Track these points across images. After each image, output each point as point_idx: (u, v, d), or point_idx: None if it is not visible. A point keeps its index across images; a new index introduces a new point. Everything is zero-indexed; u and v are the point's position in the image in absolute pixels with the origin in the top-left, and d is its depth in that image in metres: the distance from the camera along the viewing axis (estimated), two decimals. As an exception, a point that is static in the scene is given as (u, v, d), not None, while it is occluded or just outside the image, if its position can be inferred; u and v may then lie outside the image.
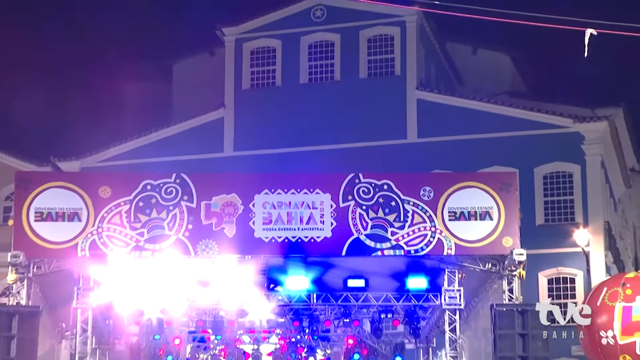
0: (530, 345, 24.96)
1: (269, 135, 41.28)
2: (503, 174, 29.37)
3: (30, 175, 28.81)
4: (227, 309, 28.61)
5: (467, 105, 41.71)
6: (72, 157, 42.99)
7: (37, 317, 25.57)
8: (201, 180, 26.39)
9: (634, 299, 23.04)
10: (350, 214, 25.69)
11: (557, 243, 38.51)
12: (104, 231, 25.53)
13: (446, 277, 27.00)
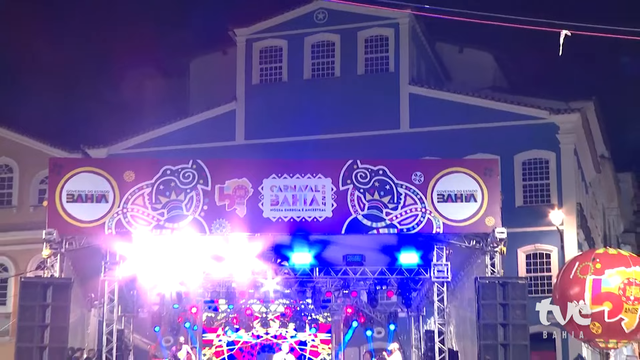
0: (510, 313, 25.01)
1: (276, 126, 41.28)
2: (486, 161, 29.31)
3: (62, 161, 28.78)
4: (239, 281, 28.68)
5: (454, 98, 41.71)
6: (100, 144, 43.01)
7: (69, 288, 25.65)
8: (215, 166, 26.40)
9: (603, 272, 23.15)
10: (349, 196, 25.71)
11: (534, 222, 38.55)
12: (129, 211, 25.57)
13: (435, 253, 27.02)
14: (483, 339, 25.09)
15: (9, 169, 42.58)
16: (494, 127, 40.06)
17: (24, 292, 25.88)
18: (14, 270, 40.40)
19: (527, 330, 25.53)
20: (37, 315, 24.99)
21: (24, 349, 24.91)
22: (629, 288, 23.00)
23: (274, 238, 26.19)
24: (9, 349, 29.28)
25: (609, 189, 56.75)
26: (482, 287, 25.38)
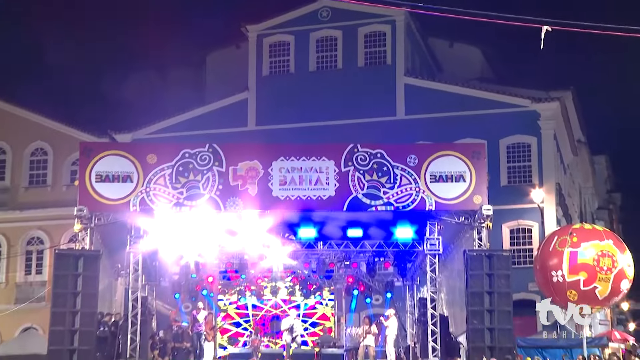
0: (495, 282, 25.07)
1: (285, 113, 41.19)
2: (474, 145, 29.25)
3: (91, 145, 28.78)
4: (250, 254, 28.72)
5: (445, 88, 41.60)
6: (125, 130, 42.98)
7: (98, 259, 25.75)
8: (229, 150, 26.41)
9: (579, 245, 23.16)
10: (350, 177, 25.72)
11: (518, 200, 38.50)
12: (151, 190, 25.61)
13: (428, 228, 26.99)
14: (471, 306, 25.15)
15: (44, 152, 42.58)
16: (481, 114, 39.97)
17: (57, 263, 26.00)
18: (49, 243, 40.47)
19: (511, 298, 25.57)
20: (69, 284, 25.11)
21: (59, 313, 25.03)
22: (602, 259, 23.01)
23: (282, 215, 26.19)
24: (45, 314, 29.44)
25: (584, 170, 56.70)
26: (470, 258, 25.43)
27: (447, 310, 29.60)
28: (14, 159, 42.63)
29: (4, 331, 39.47)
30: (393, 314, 29.31)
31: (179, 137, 39.13)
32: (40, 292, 38.47)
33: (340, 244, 28.54)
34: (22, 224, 41.31)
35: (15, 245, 41.24)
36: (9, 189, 42.32)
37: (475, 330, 24.91)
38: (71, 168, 40.58)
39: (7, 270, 41.12)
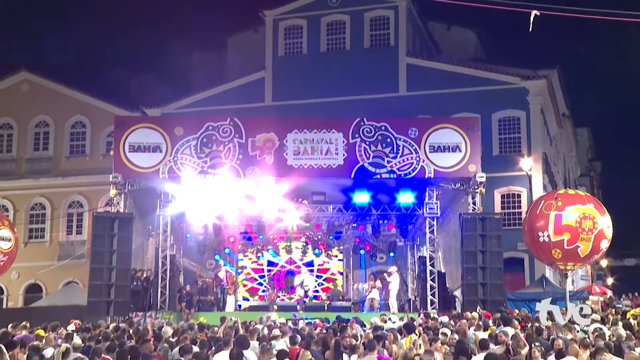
0: (488, 242, 25.06)
1: (298, 90, 40.96)
2: (469, 118, 29.10)
3: (125, 119, 28.75)
4: (268, 216, 28.66)
5: (443, 67, 41.26)
6: (155, 105, 42.85)
7: (131, 221, 25.83)
8: (248, 123, 26.39)
9: (564, 208, 22.90)
10: (357, 148, 25.66)
11: (508, 168, 38.29)
12: (178, 160, 25.61)
13: (427, 194, 26.93)
14: (466, 263, 25.15)
15: (82, 124, 42.56)
16: (475, 91, 39.65)
17: (95, 224, 26.12)
18: (87, 206, 40.55)
19: (501, 256, 25.55)
20: (106, 243, 25.21)
21: (97, 269, 25.18)
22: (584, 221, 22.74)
23: (295, 181, 26.11)
24: (85, 269, 29.54)
25: (568, 141, 56.41)
26: (465, 221, 25.38)
27: (444, 267, 29.57)
28: (57, 131, 42.64)
29: (48, 284, 39.70)
30: (395, 271, 29.28)
31: (203, 111, 38.93)
32: (80, 250, 38.62)
33: (349, 208, 28.48)
34: (63, 189, 41.40)
35: (58, 208, 41.34)
36: (52, 158, 42.38)
37: (470, 285, 24.93)
38: (107, 139, 40.55)
39: (51, 231, 41.26)
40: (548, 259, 24.23)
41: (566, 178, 54.37)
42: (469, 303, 24.55)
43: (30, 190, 41.51)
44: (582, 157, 66.91)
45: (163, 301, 27.02)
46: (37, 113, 42.57)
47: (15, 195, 41.40)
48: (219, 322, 19.67)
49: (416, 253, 31.91)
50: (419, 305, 27.74)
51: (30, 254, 38.70)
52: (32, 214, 41.71)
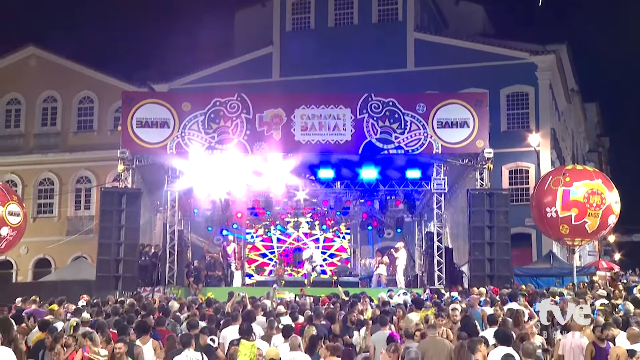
0: (495, 218, 25.01)
1: (306, 65, 40.81)
2: (477, 94, 28.96)
3: (132, 94, 28.71)
4: (275, 192, 28.63)
5: (451, 43, 41.04)
6: (163, 80, 42.79)
7: (139, 196, 25.85)
8: (256, 98, 26.31)
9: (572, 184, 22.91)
10: (364, 124, 25.58)
11: (516, 144, 38.20)
12: (186, 135, 25.58)
13: (434, 169, 26.88)
14: (473, 239, 25.13)
15: (90, 100, 42.56)
16: (483, 66, 39.47)
17: (103, 199, 26.16)
18: (95, 181, 40.64)
19: (509, 232, 25.52)
20: (114, 218, 25.24)
21: (105, 244, 25.23)
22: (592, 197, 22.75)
23: (303, 157, 26.08)
24: (93, 244, 29.69)
25: (577, 116, 56.19)
26: (472, 196, 25.34)
27: (451, 243, 29.57)
28: (64, 106, 42.66)
29: (57, 259, 39.91)
30: (403, 247, 29.32)
31: (210, 87, 38.86)
32: (88, 225, 38.78)
33: (356, 184, 28.46)
34: (71, 164, 41.49)
35: (66, 183, 41.46)
36: (59, 134, 42.44)
37: (477, 260, 24.92)
38: (114, 115, 40.55)
39: (59, 206, 41.41)
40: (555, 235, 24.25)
41: (574, 153, 54.22)
42: (476, 279, 24.56)
43: (38, 166, 41.62)
44: (591, 133, 66.66)
45: (171, 276, 27.13)
46: (45, 88, 42.58)
47: (23, 170, 41.52)
48: (227, 297, 19.76)
49: (423, 229, 31.92)
50: (426, 281, 27.78)
51: (39, 229, 38.86)
52: (40, 189, 41.84)
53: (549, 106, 40.28)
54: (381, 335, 13.87)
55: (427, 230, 30.49)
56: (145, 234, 28.70)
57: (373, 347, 13.65)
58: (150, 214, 29.60)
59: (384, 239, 35.08)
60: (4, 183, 27.07)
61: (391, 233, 34.93)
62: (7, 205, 22.86)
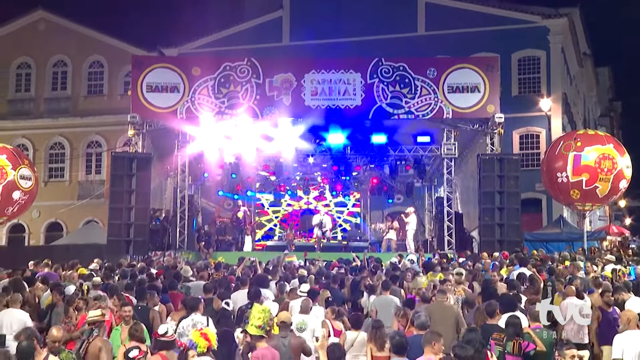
0: (505, 183, 25.00)
1: (316, 29, 40.42)
2: (488, 58, 28.79)
3: (142, 59, 28.63)
4: (285, 157, 28.64)
5: (462, 6, 40.57)
6: (172, 45, 42.59)
7: (150, 161, 25.92)
8: (266, 63, 26.26)
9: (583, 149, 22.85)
10: (375, 88, 25.51)
11: (527, 109, 37.94)
12: (196, 100, 25.58)
13: (445, 134, 26.84)
14: (483, 204, 25.14)
15: (100, 64, 42.44)
16: (495, 30, 39.09)
17: (114, 164, 26.25)
18: (106, 146, 40.68)
19: (519, 197, 25.51)
20: (125, 182, 25.34)
21: (116, 209, 25.37)
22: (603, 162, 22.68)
23: (313, 122, 26.06)
24: (104, 209, 29.85)
25: (589, 80, 55.79)
26: (483, 162, 25.29)
27: (461, 208, 29.60)
28: (74, 70, 42.58)
29: (69, 223, 40.12)
30: (413, 212, 29.34)
31: (220, 51, 38.60)
32: (99, 189, 38.91)
33: (366, 149, 28.43)
34: (82, 129, 41.52)
35: (77, 148, 41.54)
36: (70, 98, 42.41)
37: (487, 225, 24.95)
38: (124, 79, 40.44)
39: (71, 170, 41.52)
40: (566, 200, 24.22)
41: (586, 118, 53.89)
42: (486, 244, 24.61)
43: (49, 130, 41.67)
44: (603, 97, 66.21)
45: (182, 241, 27.29)
46: (55, 52, 42.48)
47: (34, 134, 41.60)
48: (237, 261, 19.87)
49: (433, 194, 31.93)
50: (436, 246, 27.84)
51: (51, 193, 39.04)
52: (51, 154, 41.94)
53: (561, 70, 39.97)
54: (384, 299, 13.93)
55: (437, 195, 30.50)
56: (156, 199, 28.85)
57: (375, 311, 13.69)
58: (161, 179, 29.71)
59: (394, 204, 35.15)
60: (16, 147, 27.07)
61: (401, 198, 34.95)
62: (18, 169, 22.95)
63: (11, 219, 27.46)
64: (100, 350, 9.72)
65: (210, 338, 8.73)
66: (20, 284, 15.29)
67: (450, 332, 11.52)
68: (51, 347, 9.13)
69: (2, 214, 23.19)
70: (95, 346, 9.77)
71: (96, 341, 9.87)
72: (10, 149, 23.99)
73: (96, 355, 9.65)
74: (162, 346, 9.55)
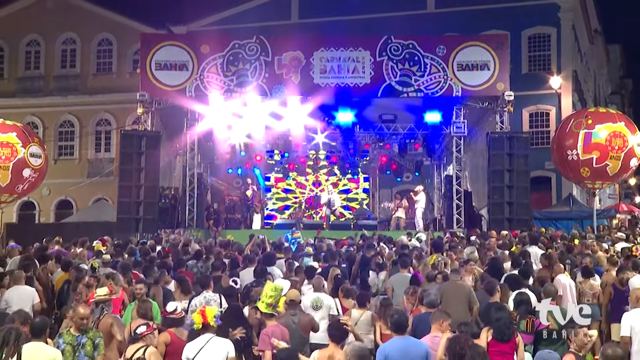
0: (515, 161, 24.99)
1: (325, 7, 40.27)
2: (498, 36, 28.64)
3: (151, 37, 28.61)
4: (294, 134, 28.64)
5: (472, -17, 40.36)
6: (181, 23, 42.47)
7: (159, 139, 25.98)
8: (275, 41, 26.21)
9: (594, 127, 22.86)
10: (384, 66, 25.46)
11: (537, 87, 37.76)
12: (205, 78, 25.59)
13: (454, 113, 26.78)
14: (492, 182, 25.14)
15: (109, 42, 42.41)
16: (505, 7, 38.82)
17: (123, 142, 26.31)
18: (115, 124, 40.73)
19: (529, 175, 25.51)
20: (134, 160, 25.41)
21: (125, 186, 25.47)
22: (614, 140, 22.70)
23: (322, 100, 26.02)
24: (114, 187, 29.94)
25: (600, 58, 55.45)
26: (492, 140, 25.27)
27: (470, 186, 29.58)
28: (83, 48, 42.57)
29: (79, 201, 40.28)
30: (422, 190, 29.33)
31: (229, 29, 38.47)
32: (109, 167, 39.02)
33: (375, 127, 28.40)
34: (91, 107, 41.57)
35: (86, 126, 41.61)
36: (79, 76, 42.44)
37: (496, 204, 24.97)
38: (133, 57, 40.42)
39: (80, 148, 41.63)
40: (576, 178, 24.24)
41: (596, 96, 53.62)
42: (495, 222, 24.63)
43: (58, 108, 41.73)
44: (614, 75, 65.83)
45: (191, 219, 27.37)
46: (64, 30, 42.45)
47: (44, 112, 41.66)
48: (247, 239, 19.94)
49: (442, 172, 31.91)
50: (445, 224, 27.87)
51: (60, 171, 39.14)
52: (61, 132, 42.02)
53: (572, 48, 39.72)
54: (400, 277, 13.95)
55: (446, 173, 30.47)
56: (165, 177, 28.92)
57: (391, 289, 13.76)
58: (170, 157, 29.74)
59: (402, 183, 35.14)
60: (25, 125, 27.18)
61: (410, 176, 34.94)
62: (28, 147, 23.07)
63: (21, 197, 27.62)
64: (112, 325, 9.81)
65: (207, 315, 8.81)
66: (32, 261, 15.42)
67: (463, 311, 11.55)
68: (79, 325, 9.09)
69: (12, 191, 23.35)
70: (106, 323, 9.85)
71: (106, 318, 9.95)
72: (20, 127, 24.10)
73: (107, 331, 9.73)
74: (171, 323, 9.65)
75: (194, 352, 8.68)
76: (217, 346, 8.73)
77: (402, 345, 8.55)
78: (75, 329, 9.11)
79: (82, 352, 8.97)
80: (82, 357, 8.96)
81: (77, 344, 8.97)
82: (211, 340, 8.75)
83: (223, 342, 8.84)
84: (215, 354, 8.66)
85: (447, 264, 14.99)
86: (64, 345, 8.95)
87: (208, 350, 8.66)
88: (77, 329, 9.09)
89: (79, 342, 8.99)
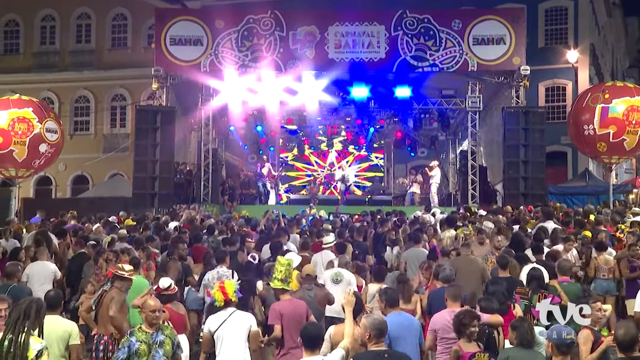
0: (530, 136, 24.93)
1: (340, -20, 40.05)
2: (514, 9, 28.48)
3: (165, 12, 28.59)
4: (309, 110, 28.61)
5: (489, -44, 39.95)
6: (195, -3, 42.40)
7: (174, 114, 26.06)
8: (289, 15, 26.18)
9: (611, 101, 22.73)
10: (399, 41, 25.38)
11: (554, 61, 37.45)
12: (219, 53, 25.59)
13: (469, 87, 26.69)
14: (507, 157, 25.11)
15: (124, 17, 42.36)
16: (522, -20, 38.49)
17: (138, 117, 26.43)
18: (130, 99, 40.78)
19: (544, 150, 25.45)
20: (149, 136, 25.52)
21: (141, 162, 25.59)
22: (632, 114, 22.55)
23: (337, 75, 25.98)
24: (129, 162, 30.07)
25: (617, 31, 54.84)
26: (507, 115, 25.21)
27: (485, 161, 29.53)
28: (98, 23, 42.55)
29: (94, 176, 40.46)
30: (437, 165, 29.30)
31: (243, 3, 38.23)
32: (124, 143, 39.14)
33: (390, 102, 28.33)
34: (106, 82, 41.60)
35: (101, 101, 41.69)
36: (94, 51, 42.45)
37: (511, 179, 24.95)
38: (148, 32, 40.37)
39: (95, 123, 41.73)
40: (592, 152, 24.13)
41: (614, 69, 53.15)
42: (510, 197, 24.62)
43: (74, 83, 41.80)
44: (632, 48, 65.17)
45: (206, 194, 27.49)
46: (79, 5, 42.45)
47: (59, 87, 41.75)
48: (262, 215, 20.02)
49: (457, 147, 31.84)
50: (460, 199, 27.86)
51: (76, 146, 39.28)
52: (76, 107, 42.12)
53: (589, 21, 39.33)
54: (413, 252, 14.00)
55: (461, 148, 30.39)
56: (180, 152, 29.00)
57: (404, 263, 13.81)
58: (185, 133, 29.82)
59: (417, 158, 35.10)
60: (41, 100, 27.28)
61: (425, 152, 34.90)
62: (44, 122, 23.20)
63: (38, 172, 27.79)
64: (112, 300, 9.71)
65: (227, 291, 8.88)
66: (47, 236, 15.57)
67: (476, 286, 11.61)
68: (151, 319, 8.24)
69: (29, 166, 23.52)
70: (109, 297, 9.83)
71: (111, 292, 9.88)
72: (36, 102, 24.23)
73: (107, 305, 9.71)
74: (166, 300, 9.62)
75: (217, 324, 8.78)
76: (240, 319, 8.84)
77: (398, 320, 8.79)
78: (147, 325, 8.24)
79: (161, 352, 8.12)
80: (160, 357, 8.10)
81: (152, 342, 8.12)
82: (234, 313, 8.86)
83: (245, 316, 8.97)
84: (238, 327, 8.77)
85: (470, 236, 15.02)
86: (138, 343, 8.08)
87: (230, 323, 8.77)
88: (149, 324, 8.24)
89: (154, 339, 8.14)
